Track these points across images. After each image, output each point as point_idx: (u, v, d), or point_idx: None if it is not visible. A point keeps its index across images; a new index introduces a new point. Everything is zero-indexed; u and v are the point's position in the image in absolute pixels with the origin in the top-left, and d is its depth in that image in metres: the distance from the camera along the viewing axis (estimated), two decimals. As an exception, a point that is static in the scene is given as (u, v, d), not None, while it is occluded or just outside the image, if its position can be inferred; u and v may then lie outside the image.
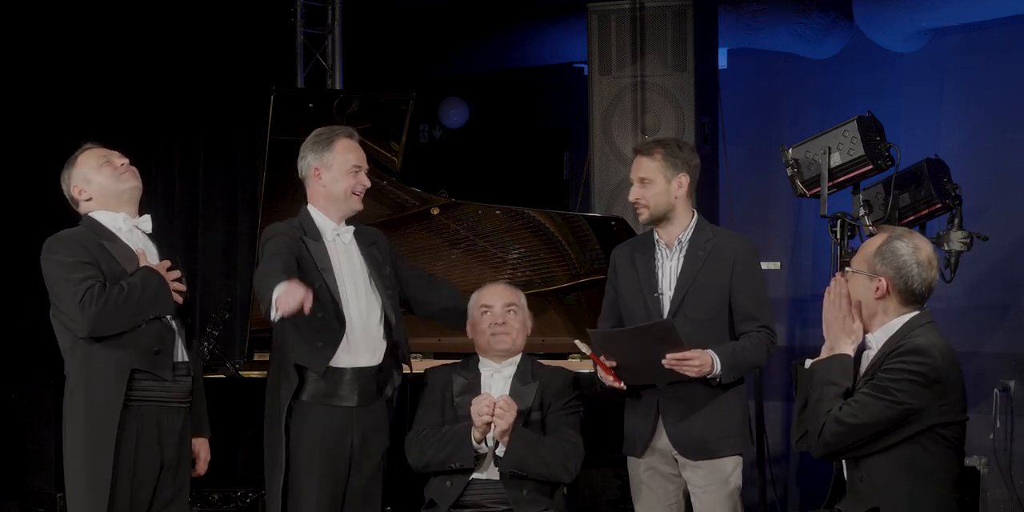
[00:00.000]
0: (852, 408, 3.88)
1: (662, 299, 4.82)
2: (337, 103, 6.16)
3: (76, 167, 4.79)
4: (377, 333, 4.93)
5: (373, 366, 4.92)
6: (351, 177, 4.91)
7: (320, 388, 4.84)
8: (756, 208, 8.07)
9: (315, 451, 4.83)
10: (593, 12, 7.17)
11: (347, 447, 4.87)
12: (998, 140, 7.33)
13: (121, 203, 4.76)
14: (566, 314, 6.43)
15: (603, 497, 6.64)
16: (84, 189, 4.77)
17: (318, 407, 4.84)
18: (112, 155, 4.82)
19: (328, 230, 4.92)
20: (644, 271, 4.86)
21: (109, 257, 4.63)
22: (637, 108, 7.04)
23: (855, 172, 5.94)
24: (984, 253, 6.58)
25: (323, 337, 4.80)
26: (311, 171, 4.93)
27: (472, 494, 5.04)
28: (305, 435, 4.83)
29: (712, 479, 4.79)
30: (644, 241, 4.96)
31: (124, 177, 4.77)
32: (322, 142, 4.94)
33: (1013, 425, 7.04)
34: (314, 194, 4.96)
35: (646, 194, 4.81)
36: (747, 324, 4.79)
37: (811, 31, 7.74)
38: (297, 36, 8.16)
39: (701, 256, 4.81)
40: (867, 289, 4.00)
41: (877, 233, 4.13)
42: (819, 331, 5.13)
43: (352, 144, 4.96)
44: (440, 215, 6.35)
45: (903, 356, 3.89)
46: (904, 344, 3.92)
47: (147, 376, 4.61)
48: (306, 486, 4.82)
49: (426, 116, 9.67)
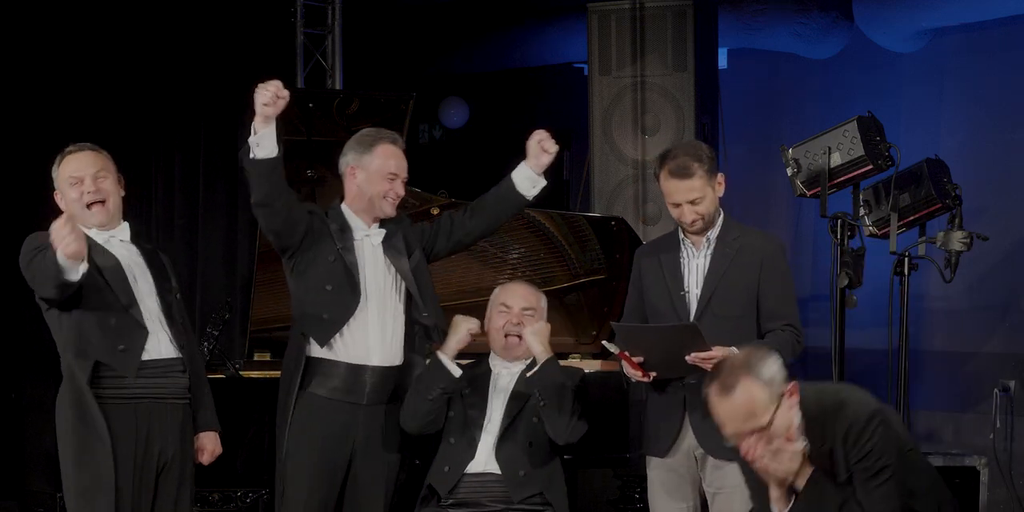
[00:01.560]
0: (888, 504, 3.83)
1: (688, 297, 4.78)
2: (337, 103, 6.17)
3: (57, 170, 4.71)
4: (397, 337, 4.92)
5: (389, 367, 4.90)
6: (386, 182, 4.89)
7: (329, 382, 4.83)
8: (756, 208, 8.06)
9: (315, 443, 4.82)
10: (593, 12, 7.17)
11: (349, 444, 4.86)
12: (998, 140, 7.33)
13: (88, 223, 4.68)
14: (566, 314, 6.43)
15: (603, 497, 6.64)
16: (61, 198, 4.72)
17: (324, 400, 4.84)
18: (86, 175, 4.66)
19: (359, 230, 4.92)
20: (670, 269, 4.83)
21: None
22: (637, 108, 7.04)
23: (855, 172, 5.93)
24: (984, 253, 6.57)
25: (332, 311, 4.81)
26: (347, 169, 4.92)
27: (470, 491, 5.03)
28: (308, 426, 4.83)
29: (733, 480, 4.68)
30: (669, 240, 4.93)
31: (93, 213, 4.66)
32: (365, 143, 4.92)
33: (1013, 425, 7.04)
34: (348, 193, 4.96)
35: (700, 210, 4.76)
36: (773, 322, 4.76)
37: (811, 31, 7.74)
38: (297, 36, 8.17)
39: (729, 254, 4.78)
40: (787, 417, 3.88)
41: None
42: (819, 331, 5.14)
43: (394, 150, 4.94)
44: (440, 215, 6.34)
45: (851, 432, 3.83)
46: (840, 427, 3.84)
47: (112, 373, 4.57)
48: (303, 478, 4.81)
49: (426, 116, 9.66)
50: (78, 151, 4.73)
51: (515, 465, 4.99)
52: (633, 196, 7.03)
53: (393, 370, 4.91)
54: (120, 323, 4.60)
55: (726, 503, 4.76)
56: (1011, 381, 7.08)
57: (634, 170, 7.02)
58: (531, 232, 6.37)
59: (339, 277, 4.82)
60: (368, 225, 4.93)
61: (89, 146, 4.77)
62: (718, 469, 4.76)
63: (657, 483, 4.88)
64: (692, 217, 4.76)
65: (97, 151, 4.75)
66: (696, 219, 4.77)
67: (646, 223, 6.95)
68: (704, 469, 4.79)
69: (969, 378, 7.34)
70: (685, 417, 4.78)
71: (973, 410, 7.33)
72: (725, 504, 4.76)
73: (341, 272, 4.82)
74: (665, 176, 4.77)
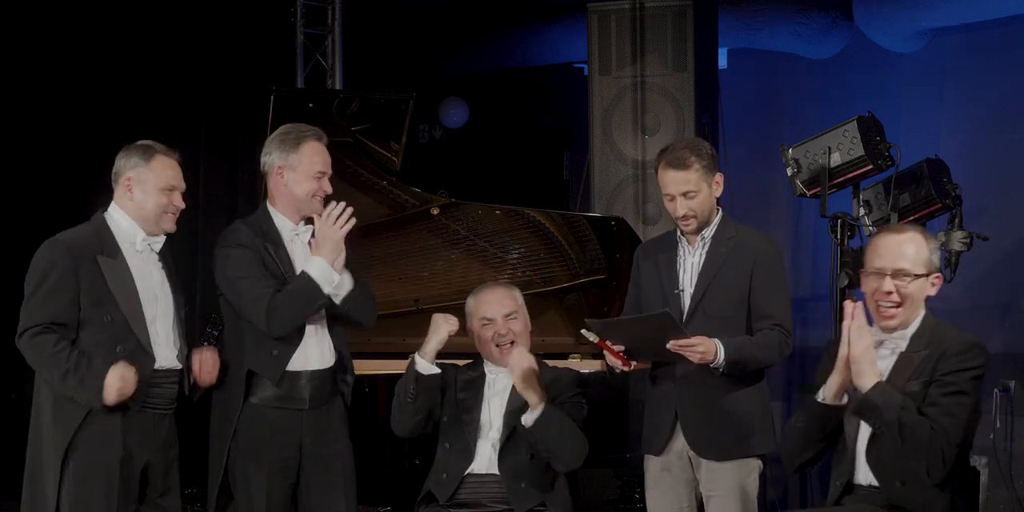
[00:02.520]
0: (951, 424, 3.89)
1: (682, 295, 4.78)
2: (337, 103, 6.16)
3: (148, 165, 4.65)
4: (328, 335, 4.88)
5: (327, 369, 4.88)
6: (314, 181, 4.82)
7: (272, 391, 4.79)
8: (756, 208, 8.06)
9: (263, 453, 4.79)
10: (593, 12, 7.17)
11: (296, 449, 4.83)
12: (998, 140, 7.33)
13: (147, 227, 4.69)
14: (566, 314, 6.43)
15: (603, 497, 6.64)
16: (133, 187, 4.66)
17: (268, 410, 4.80)
18: (179, 186, 4.70)
19: (286, 230, 4.86)
20: (665, 267, 4.83)
21: (95, 272, 4.55)
22: (637, 108, 7.04)
23: (855, 172, 5.93)
24: (984, 253, 6.57)
25: (279, 344, 4.77)
26: (273, 169, 4.85)
27: (470, 492, 5.03)
28: (254, 437, 4.79)
29: (727, 482, 4.74)
30: (667, 238, 4.93)
31: (166, 221, 4.68)
32: (289, 142, 4.84)
33: (1013, 425, 7.04)
34: (274, 192, 4.88)
35: (693, 205, 4.74)
36: (761, 322, 4.75)
37: (811, 31, 7.74)
38: (297, 36, 8.16)
39: (723, 253, 4.78)
40: (923, 289, 4.08)
41: (884, 231, 4.13)
42: (819, 331, 5.13)
43: (320, 147, 4.86)
44: (440, 215, 6.35)
45: (964, 353, 3.97)
46: (953, 340, 4.01)
47: None
48: (254, 488, 4.77)
49: (426, 116, 9.67)
50: (173, 156, 4.72)
51: (517, 477, 4.99)
52: (633, 196, 7.02)
53: (328, 371, 4.89)
54: (128, 351, 4.58)
55: (721, 505, 4.76)
56: (1011, 381, 7.07)
57: (634, 170, 7.02)
58: (531, 232, 6.37)
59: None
60: (295, 224, 4.88)
61: (175, 152, 4.75)
62: (712, 472, 4.76)
63: (652, 482, 4.89)
64: (684, 211, 4.74)
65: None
66: (688, 214, 4.75)
67: (646, 223, 6.95)
68: (699, 471, 4.80)
69: (969, 378, 7.34)
70: (676, 419, 4.79)
71: (973, 410, 7.33)
72: (720, 506, 4.76)
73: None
74: (662, 167, 4.78)
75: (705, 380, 4.71)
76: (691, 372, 4.71)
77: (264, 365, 4.77)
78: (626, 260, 5.97)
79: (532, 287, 6.31)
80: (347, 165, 6.10)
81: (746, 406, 4.76)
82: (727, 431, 4.73)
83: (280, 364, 4.76)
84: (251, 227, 4.86)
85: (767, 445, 4.81)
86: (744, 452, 4.76)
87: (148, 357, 4.59)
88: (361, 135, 6.21)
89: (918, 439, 3.87)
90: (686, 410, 4.76)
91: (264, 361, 4.77)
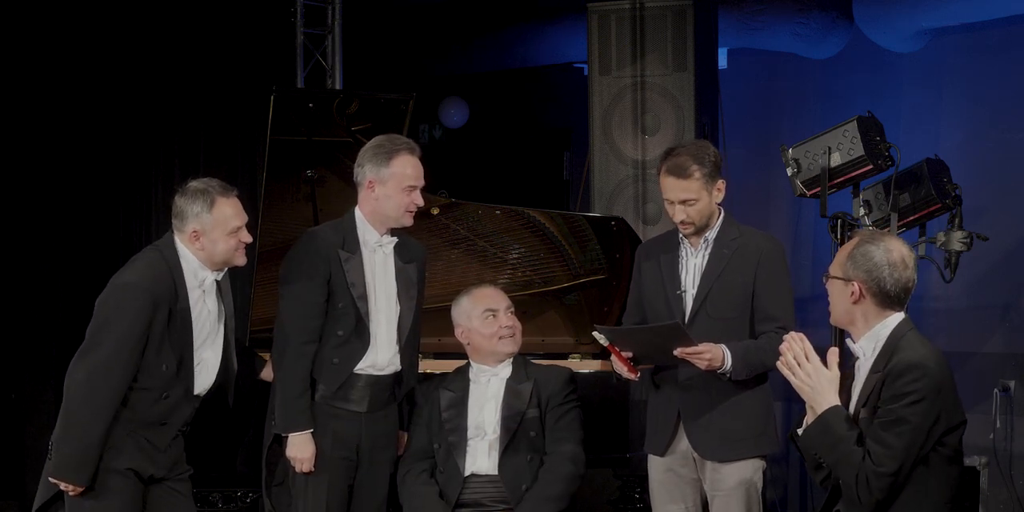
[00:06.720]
0: (882, 455, 3.81)
1: (685, 297, 4.78)
2: (337, 103, 6.16)
3: (211, 214, 4.56)
4: (396, 345, 4.94)
5: (388, 375, 4.93)
6: (405, 195, 4.84)
7: (332, 391, 4.85)
8: (756, 208, 8.06)
9: (324, 452, 4.84)
10: (593, 12, 7.17)
11: (354, 452, 4.89)
12: (998, 140, 7.33)
13: (216, 267, 4.66)
14: (566, 314, 6.43)
15: (603, 497, 6.63)
16: (202, 238, 4.58)
17: (327, 408, 4.85)
18: (243, 222, 4.61)
19: (371, 241, 4.90)
20: (668, 268, 4.82)
21: (172, 297, 4.54)
22: (637, 108, 7.04)
23: (855, 172, 5.93)
24: (984, 253, 6.57)
25: (341, 355, 4.82)
26: (365, 181, 4.87)
27: (471, 492, 5.05)
28: (315, 436, 4.84)
29: (732, 482, 4.74)
30: (669, 238, 4.92)
31: (238, 256, 4.64)
32: (382, 155, 4.85)
33: (1013, 425, 7.04)
34: (364, 203, 4.91)
35: (691, 212, 4.73)
36: (766, 324, 4.73)
37: (811, 31, 7.74)
38: (297, 36, 8.16)
39: (726, 254, 4.76)
40: (843, 294, 3.96)
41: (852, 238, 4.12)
42: (819, 331, 5.14)
43: (412, 160, 4.88)
44: (440, 215, 6.34)
45: (902, 377, 3.84)
46: (897, 362, 3.86)
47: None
48: (313, 487, 4.82)
49: (426, 116, 9.66)
50: (231, 194, 4.63)
51: (518, 480, 5.01)
52: (633, 196, 7.02)
53: (389, 377, 4.95)
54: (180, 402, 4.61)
55: (725, 505, 4.76)
56: (1011, 381, 7.07)
57: (634, 170, 7.02)
58: (531, 232, 6.37)
59: (350, 322, 4.82)
60: (380, 235, 4.91)
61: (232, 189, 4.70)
62: (717, 471, 4.76)
63: (656, 482, 4.89)
64: (682, 217, 4.74)
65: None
66: (686, 220, 4.74)
67: (646, 223, 6.95)
68: (703, 471, 4.80)
69: (969, 378, 7.33)
70: (679, 420, 4.79)
71: (973, 410, 7.31)
72: (724, 506, 4.76)
73: (351, 317, 4.81)
74: (664, 172, 4.77)
75: (708, 381, 4.71)
76: (694, 374, 4.71)
77: (324, 372, 4.83)
78: (626, 260, 5.96)
79: (532, 287, 6.31)
80: (347, 165, 6.10)
81: (749, 407, 4.76)
82: (731, 433, 4.73)
83: (339, 375, 4.83)
84: (331, 232, 4.88)
85: (770, 445, 4.82)
86: (748, 453, 4.76)
87: (188, 399, 4.64)
88: (361, 135, 6.20)
89: (848, 470, 3.84)
90: (689, 411, 4.75)
91: (324, 368, 4.83)
